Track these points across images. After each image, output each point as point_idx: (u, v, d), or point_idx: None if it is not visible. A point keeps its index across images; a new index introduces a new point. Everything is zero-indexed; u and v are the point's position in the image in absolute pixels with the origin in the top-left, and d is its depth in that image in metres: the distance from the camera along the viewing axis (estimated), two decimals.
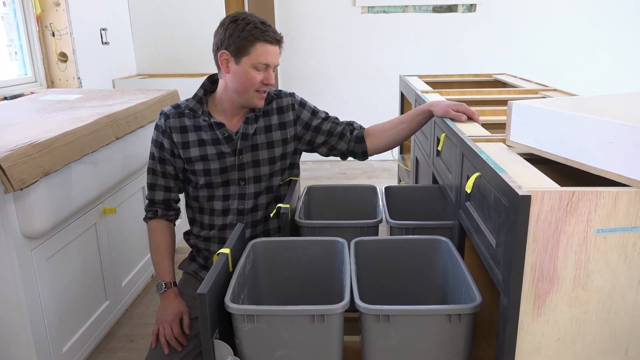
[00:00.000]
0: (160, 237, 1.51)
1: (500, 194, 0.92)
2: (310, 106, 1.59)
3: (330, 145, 1.59)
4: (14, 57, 2.87)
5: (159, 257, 1.50)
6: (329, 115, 1.61)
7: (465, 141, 1.21)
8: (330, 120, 1.59)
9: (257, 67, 1.39)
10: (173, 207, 1.55)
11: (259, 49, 1.38)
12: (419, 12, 4.36)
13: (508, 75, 2.64)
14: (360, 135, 1.59)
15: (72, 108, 2.06)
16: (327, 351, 1.03)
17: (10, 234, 1.44)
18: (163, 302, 1.44)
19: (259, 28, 1.37)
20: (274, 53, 1.41)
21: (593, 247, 0.87)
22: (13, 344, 1.54)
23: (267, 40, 1.38)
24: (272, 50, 1.40)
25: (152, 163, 1.52)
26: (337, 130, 1.58)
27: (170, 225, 1.55)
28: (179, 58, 3.89)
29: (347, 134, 1.59)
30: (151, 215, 1.53)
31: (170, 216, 1.54)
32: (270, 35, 1.38)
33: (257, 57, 1.38)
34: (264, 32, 1.37)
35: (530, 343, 0.92)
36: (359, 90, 4.54)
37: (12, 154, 1.35)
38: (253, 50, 1.37)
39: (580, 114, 0.96)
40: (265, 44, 1.38)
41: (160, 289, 1.45)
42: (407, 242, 1.28)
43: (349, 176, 4.21)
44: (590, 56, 4.39)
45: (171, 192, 1.53)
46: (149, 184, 1.53)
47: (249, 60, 1.38)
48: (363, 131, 1.61)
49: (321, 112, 1.60)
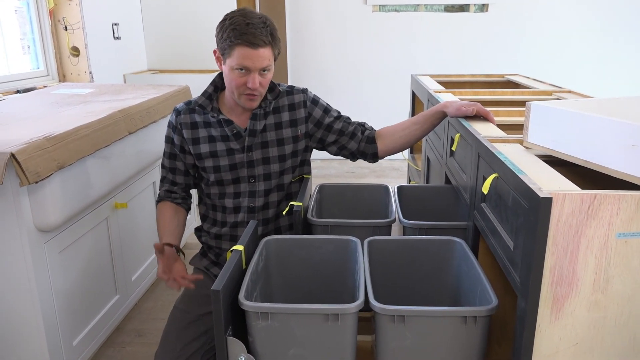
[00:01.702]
0: (160, 214, 1.53)
1: (520, 195, 0.91)
2: (322, 104, 1.58)
3: (341, 144, 1.58)
4: (27, 50, 2.88)
5: (159, 229, 1.50)
6: (341, 114, 1.60)
7: (482, 142, 1.20)
8: (342, 120, 1.58)
9: (237, 69, 1.37)
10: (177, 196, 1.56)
11: (237, 52, 1.34)
12: (430, 11, 4.34)
13: (521, 76, 2.62)
14: (371, 136, 1.58)
15: (85, 102, 2.06)
16: (340, 350, 1.02)
17: (24, 227, 1.45)
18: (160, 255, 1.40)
19: (239, 30, 1.32)
20: (254, 57, 1.35)
21: (614, 251, 0.85)
22: (25, 338, 1.55)
23: (245, 44, 1.33)
24: (251, 54, 1.34)
25: (163, 159, 1.57)
26: (349, 130, 1.57)
27: (175, 206, 1.55)
28: (189, 54, 3.90)
29: (359, 133, 1.58)
30: (157, 200, 1.57)
31: (175, 199, 1.55)
32: (249, 38, 1.32)
33: (236, 60, 1.35)
34: (242, 35, 1.32)
35: (547, 347, 0.91)
36: (370, 89, 4.52)
37: (27, 147, 1.35)
38: (233, 53, 1.35)
39: (602, 116, 0.95)
40: (244, 47, 1.33)
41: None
42: (421, 242, 1.27)
43: (358, 175, 4.20)
44: (603, 58, 4.35)
45: (175, 186, 1.56)
46: (161, 177, 1.59)
47: (230, 63, 1.36)
48: (374, 132, 1.59)
49: (333, 110, 1.59)
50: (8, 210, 1.43)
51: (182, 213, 1.56)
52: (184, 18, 3.86)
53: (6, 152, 1.31)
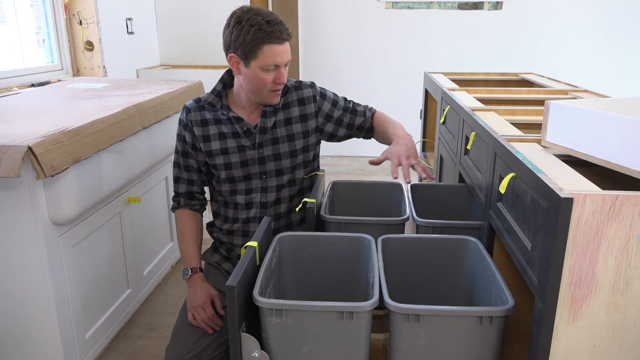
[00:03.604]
0: (184, 225, 1.55)
1: (539, 195, 0.90)
2: (330, 96, 1.59)
3: (349, 136, 1.65)
4: (42, 44, 2.90)
5: (183, 244, 1.53)
6: (348, 102, 1.63)
7: (499, 140, 1.19)
8: (349, 111, 1.61)
9: (267, 69, 1.36)
10: (197, 198, 1.58)
11: (266, 52, 1.33)
12: (443, 8, 4.30)
13: (535, 75, 2.59)
14: (371, 126, 1.64)
15: (100, 97, 2.07)
16: (354, 348, 1.02)
17: (39, 220, 1.46)
18: (191, 288, 1.45)
19: (264, 30, 1.32)
20: (283, 52, 1.36)
21: (635, 253, 0.84)
22: (39, 330, 1.57)
23: (273, 41, 1.33)
24: (280, 50, 1.35)
25: (176, 157, 1.56)
26: (357, 123, 1.62)
27: (194, 214, 1.57)
28: (202, 49, 3.90)
29: (365, 125, 1.63)
30: (176, 205, 1.57)
31: (194, 206, 1.56)
32: (276, 35, 1.33)
33: (266, 60, 1.34)
34: (269, 34, 1.32)
35: (564, 348, 0.90)
36: (382, 86, 4.50)
37: (44, 141, 1.36)
38: (261, 53, 1.34)
39: (623, 116, 0.94)
40: (272, 45, 1.33)
41: (186, 275, 1.47)
42: (436, 241, 1.27)
43: (368, 173, 4.18)
44: (616, 57, 4.30)
45: (193, 185, 1.56)
46: (174, 177, 1.57)
47: (258, 64, 1.35)
48: (372, 121, 1.64)
49: (340, 100, 1.61)
50: (24, 203, 1.44)
51: (200, 220, 1.59)
52: (197, 13, 3.87)
53: (23, 145, 1.32)
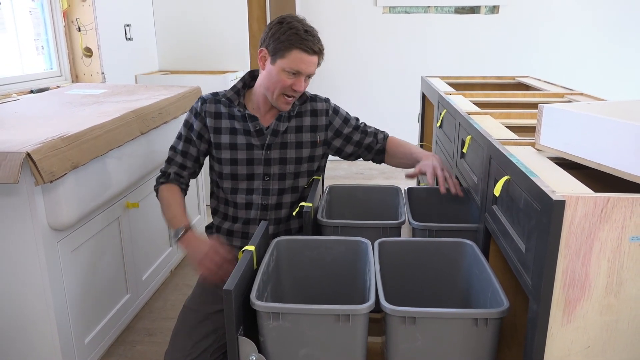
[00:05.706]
0: (171, 196, 1.51)
1: (532, 198, 0.91)
2: (342, 113, 1.64)
3: (357, 155, 1.67)
4: (41, 51, 2.91)
5: (171, 210, 1.49)
6: (359, 122, 1.66)
7: (494, 144, 1.20)
8: (360, 130, 1.64)
9: (289, 71, 1.42)
10: (183, 182, 1.57)
11: (294, 56, 1.40)
12: (440, 12, 4.33)
13: (532, 78, 2.61)
14: (382, 148, 1.66)
15: (98, 103, 2.08)
16: (350, 351, 1.03)
17: (37, 226, 1.46)
18: (190, 244, 1.40)
19: (300, 35, 1.39)
20: (309, 62, 1.42)
21: (627, 255, 0.85)
22: (38, 335, 1.57)
23: (304, 49, 1.39)
24: (307, 60, 1.41)
25: (176, 142, 1.58)
26: (366, 142, 1.65)
27: (181, 191, 1.55)
28: (200, 55, 3.91)
29: (374, 145, 1.66)
30: (163, 180, 1.55)
31: (181, 184, 1.56)
32: (308, 45, 1.40)
33: (290, 63, 1.40)
34: (303, 41, 1.39)
35: (558, 350, 0.91)
36: (380, 90, 4.52)
37: (42, 147, 1.37)
38: (288, 55, 1.40)
39: (615, 119, 0.95)
40: (302, 52, 1.40)
41: (178, 234, 1.42)
42: (432, 244, 1.28)
43: (367, 176, 4.19)
44: (613, 61, 4.32)
45: (184, 170, 1.56)
46: (168, 158, 1.57)
47: (282, 64, 1.41)
48: (386, 143, 1.67)
49: (352, 119, 1.65)
50: (23, 209, 1.44)
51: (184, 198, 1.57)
52: (195, 20, 3.89)
53: (22, 151, 1.32)
